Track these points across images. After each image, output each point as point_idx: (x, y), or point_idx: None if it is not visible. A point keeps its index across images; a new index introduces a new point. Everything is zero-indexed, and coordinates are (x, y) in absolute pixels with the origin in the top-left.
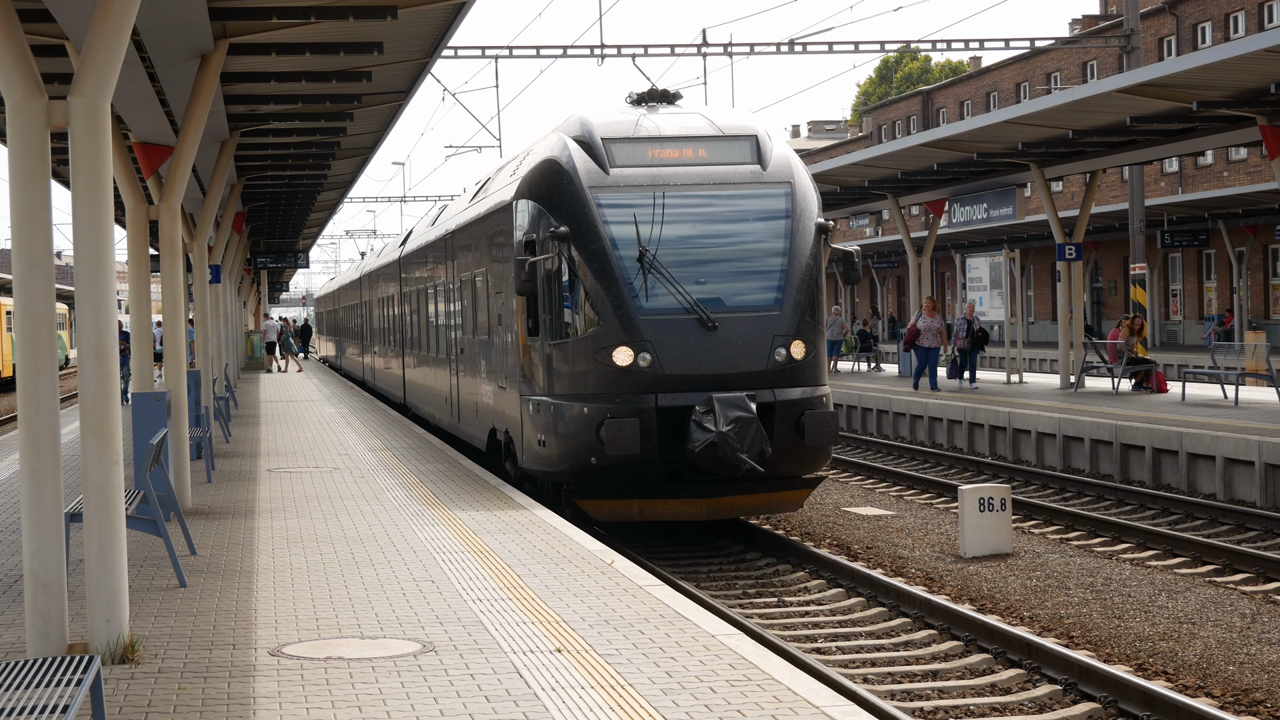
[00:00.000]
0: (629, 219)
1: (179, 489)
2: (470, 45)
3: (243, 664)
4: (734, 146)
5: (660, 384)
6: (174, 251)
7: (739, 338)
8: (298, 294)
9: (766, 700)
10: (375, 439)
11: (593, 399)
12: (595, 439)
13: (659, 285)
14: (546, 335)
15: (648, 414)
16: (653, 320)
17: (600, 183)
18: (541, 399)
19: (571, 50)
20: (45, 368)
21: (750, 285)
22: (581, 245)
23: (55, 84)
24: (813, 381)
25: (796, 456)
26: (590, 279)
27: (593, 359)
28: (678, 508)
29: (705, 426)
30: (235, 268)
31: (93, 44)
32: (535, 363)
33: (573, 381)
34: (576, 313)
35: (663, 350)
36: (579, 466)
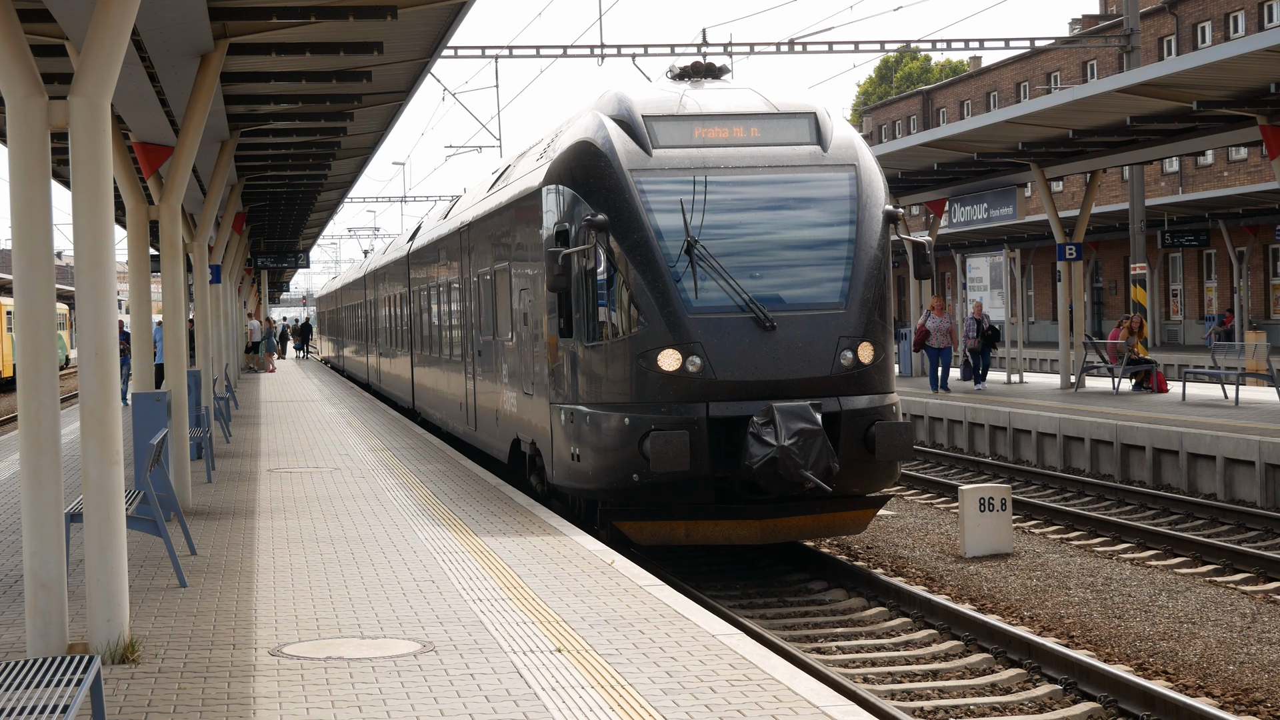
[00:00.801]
0: (674, 205)
1: (179, 489)
2: (470, 45)
3: (243, 664)
4: (790, 125)
5: (711, 391)
6: (174, 251)
7: (800, 339)
8: (298, 294)
9: (766, 700)
10: (375, 439)
11: (635, 408)
12: (638, 453)
13: (709, 280)
14: (581, 336)
15: (698, 426)
16: (703, 320)
17: (641, 165)
18: (575, 408)
19: (571, 50)
20: (45, 368)
21: (812, 280)
22: (621, 235)
23: (55, 84)
24: (881, 388)
25: (864, 473)
26: (631, 273)
27: (635, 363)
28: (729, 530)
29: (765, 440)
30: (235, 268)
31: (93, 44)
32: (568, 367)
33: (612, 388)
34: (616, 311)
35: (714, 353)
36: (618, 484)
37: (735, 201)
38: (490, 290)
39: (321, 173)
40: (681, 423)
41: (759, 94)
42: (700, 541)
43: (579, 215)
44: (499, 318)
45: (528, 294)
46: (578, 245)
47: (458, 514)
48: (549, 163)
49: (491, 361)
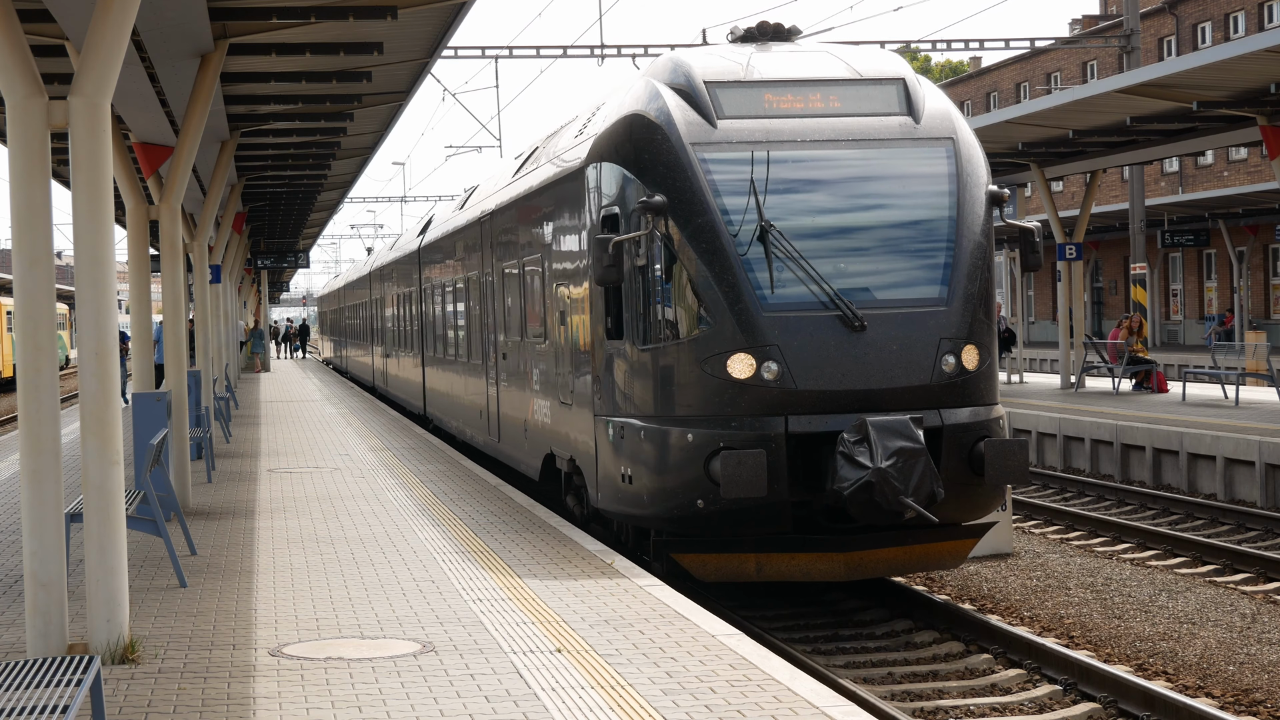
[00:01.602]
0: (744, 184)
1: (179, 489)
2: (470, 45)
3: (243, 664)
4: (876, 92)
5: (791, 403)
6: (174, 251)
7: (895, 341)
8: (298, 294)
9: (766, 700)
10: (376, 439)
11: (701, 422)
12: (704, 476)
13: (787, 271)
14: (634, 338)
15: (775, 443)
16: (780, 318)
17: (706, 138)
18: (626, 421)
19: (571, 50)
20: (45, 368)
21: (907, 271)
22: (683, 219)
23: (55, 84)
24: (987, 398)
25: (967, 498)
26: (695, 263)
27: (700, 369)
28: (808, 565)
29: (857, 460)
30: (235, 268)
31: (93, 44)
32: (618, 373)
33: (671, 399)
34: (676, 308)
35: (794, 358)
36: (679, 512)
37: (815, 180)
38: (518, 286)
39: (321, 173)
40: (756, 440)
41: (836, 57)
42: (773, 578)
43: (631, 197)
44: (528, 316)
45: (565, 289)
46: (630, 232)
47: (458, 514)
48: (592, 138)
49: (519, 366)
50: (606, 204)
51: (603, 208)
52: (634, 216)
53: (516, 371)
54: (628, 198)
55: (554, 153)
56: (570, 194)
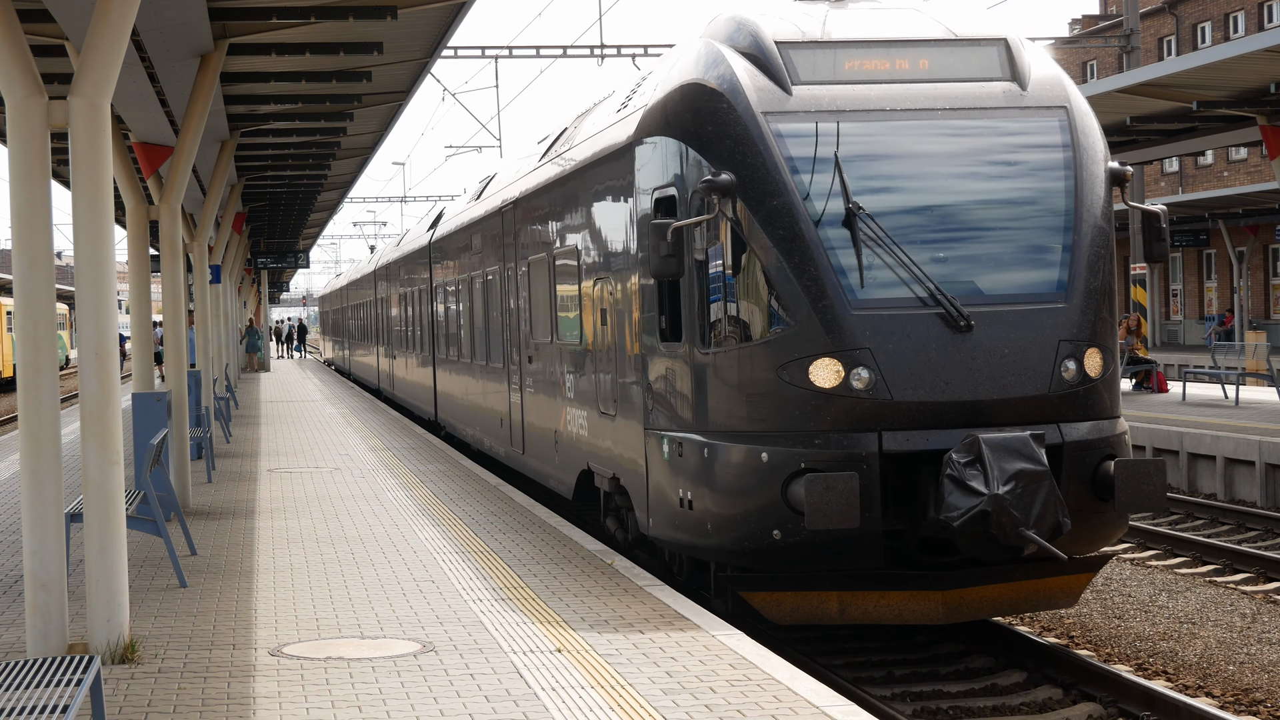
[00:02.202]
0: (827, 160)
1: (179, 489)
2: (470, 45)
3: (243, 664)
4: (975, 55)
5: (885, 416)
6: (174, 251)
7: (1007, 343)
8: (298, 294)
9: (766, 700)
10: (376, 439)
11: (777, 439)
12: (782, 502)
13: (879, 262)
14: (695, 339)
15: (868, 464)
16: (872, 316)
17: (779, 107)
18: (686, 437)
19: (571, 50)
20: (45, 368)
21: (1020, 262)
22: (755, 200)
23: (55, 84)
24: (1110, 410)
25: (1089, 527)
26: (770, 252)
27: (776, 377)
28: (900, 606)
29: (970, 486)
30: (235, 268)
31: (93, 44)
32: (675, 381)
33: (742, 411)
34: (748, 304)
35: (889, 363)
36: (751, 544)
37: (908, 156)
38: (547, 281)
39: (321, 173)
40: (845, 460)
41: (927, 15)
42: (858, 620)
43: (692, 176)
44: (560, 315)
45: (606, 284)
46: (690, 216)
47: (458, 514)
48: (641, 111)
49: (548, 370)
50: (661, 185)
51: (656, 190)
52: (695, 198)
53: (545, 377)
54: (687, 177)
55: (590, 131)
56: (613, 176)
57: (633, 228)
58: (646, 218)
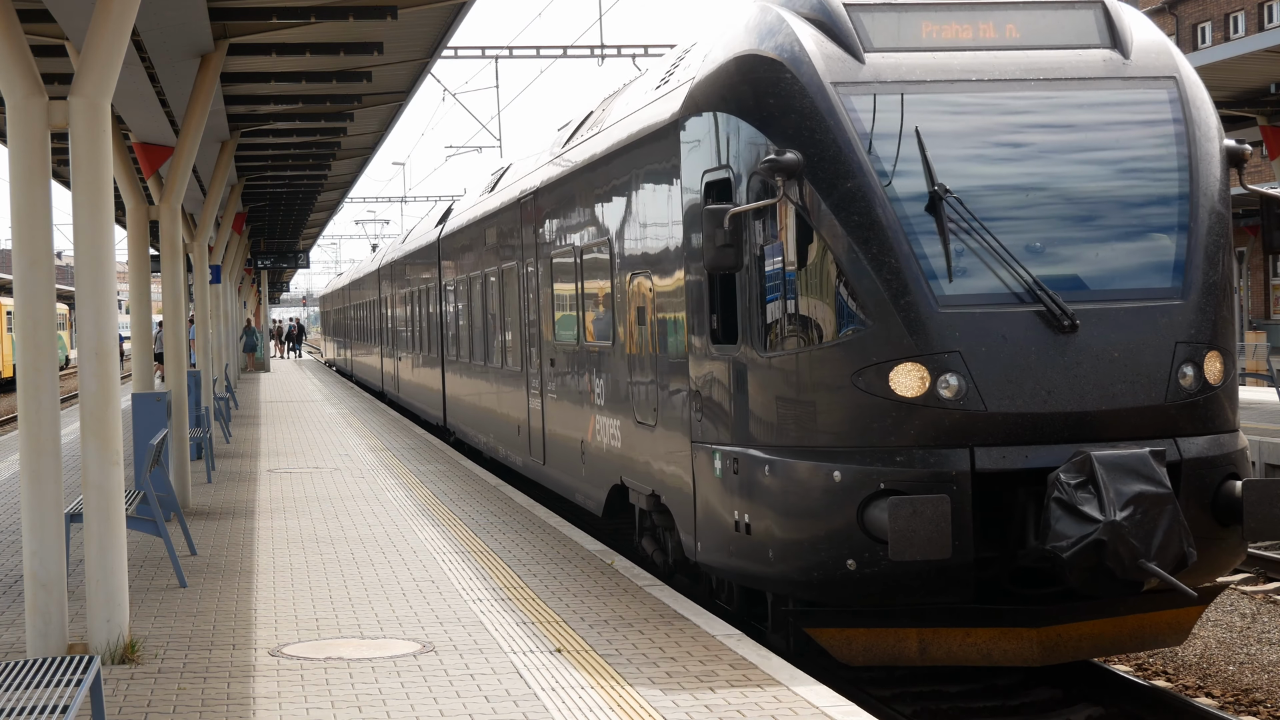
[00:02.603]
0: (907, 137)
1: (179, 489)
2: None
3: (243, 664)
4: (1070, 19)
5: (978, 429)
6: (174, 251)
7: (1117, 346)
8: (298, 294)
9: (766, 700)
10: (375, 439)
11: (852, 455)
12: (856, 527)
13: (969, 252)
14: (754, 341)
15: (959, 485)
16: (962, 315)
17: (851, 77)
18: (743, 451)
19: (571, 50)
20: (45, 368)
21: (1129, 252)
22: (826, 182)
23: (55, 84)
24: (1230, 423)
25: (1208, 555)
26: (844, 241)
27: (851, 384)
28: (990, 645)
29: (1082, 511)
30: (235, 268)
31: (93, 44)
32: (730, 388)
33: (811, 422)
34: (817, 301)
35: (982, 368)
36: (821, 574)
37: (999, 132)
38: (573, 276)
39: (321, 173)
40: (932, 480)
41: None
42: (942, 661)
43: (751, 156)
44: (589, 314)
45: (645, 279)
46: (750, 201)
47: (458, 514)
48: (688, 85)
49: (575, 375)
50: (712, 167)
51: (706, 173)
52: (755, 182)
53: (570, 382)
54: (745, 158)
55: (623, 112)
56: (653, 159)
57: (677, 216)
58: (695, 205)
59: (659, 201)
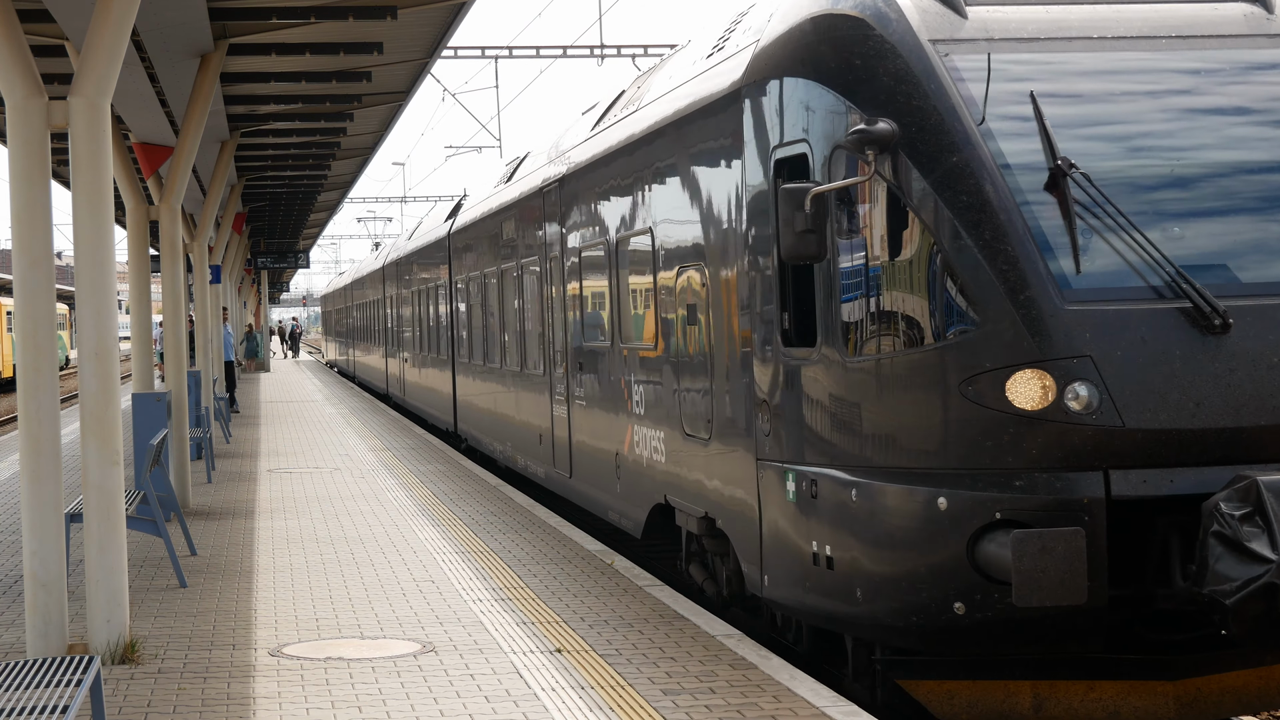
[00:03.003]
0: (1022, 103)
1: (179, 489)
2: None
3: (243, 664)
4: None
5: (1114, 449)
6: (174, 251)
7: (1277, 349)
8: (298, 294)
9: (766, 700)
10: (375, 439)
11: (960, 479)
12: (966, 564)
13: (1098, 239)
14: (838, 343)
15: (1091, 514)
16: (1093, 313)
17: (954, 34)
18: (823, 472)
19: (571, 50)
20: (45, 368)
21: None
22: (926, 156)
23: (55, 84)
24: None
25: None
26: (949, 224)
27: (958, 394)
28: (1118, 700)
29: (1249, 548)
30: (235, 268)
31: (93, 44)
32: (807, 397)
33: (908, 440)
34: (913, 296)
35: (1118, 376)
36: (922, 619)
37: (1129, 98)
38: (607, 271)
39: (321, 173)
40: (1058, 508)
41: None
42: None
43: (833, 128)
44: (625, 313)
45: (697, 272)
46: (833, 179)
47: (458, 514)
48: (752, 49)
49: (609, 379)
50: (784, 142)
51: (777, 148)
52: (839, 156)
53: (603, 387)
54: (826, 128)
55: (667, 86)
56: (708, 135)
57: (739, 199)
58: (762, 186)
59: (715, 184)
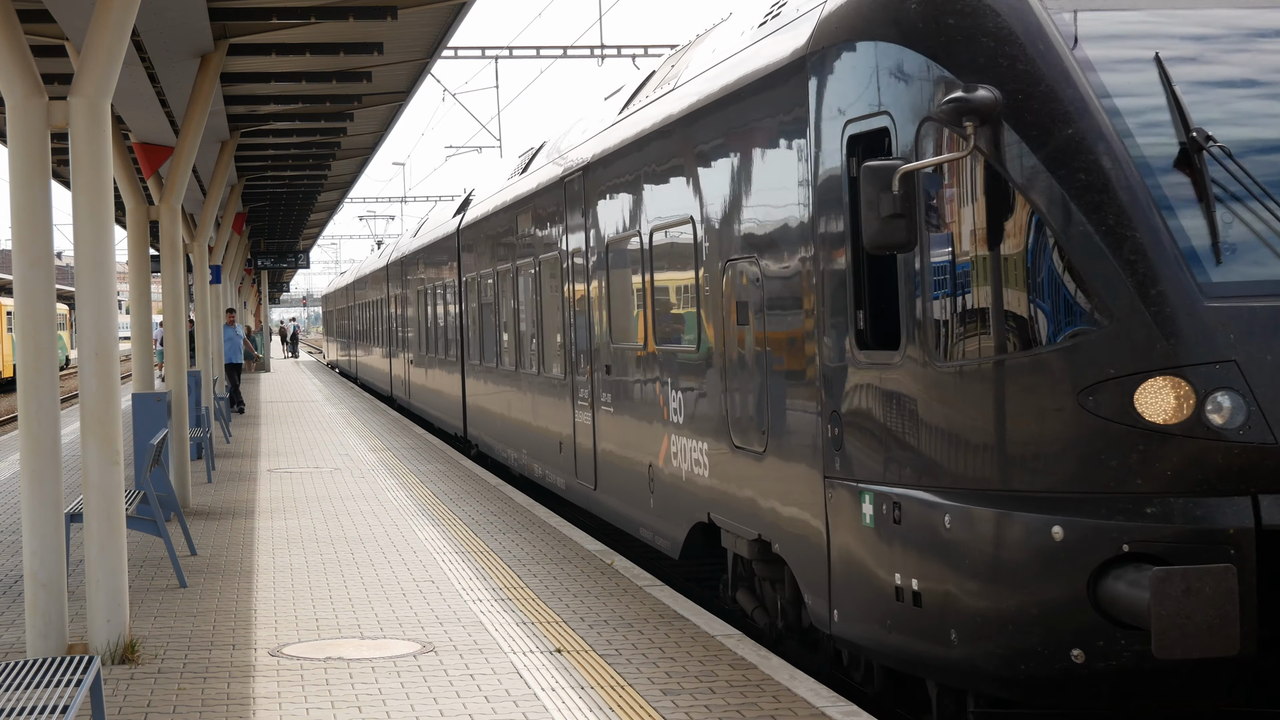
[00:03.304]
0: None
1: (179, 489)
2: (470, 45)
3: (243, 664)
4: None
5: (1266, 470)
6: (174, 252)
7: None
8: (298, 294)
9: (766, 700)
10: (376, 439)
11: (1079, 505)
12: (1087, 605)
13: (1241, 225)
14: (927, 345)
15: (1239, 548)
16: (1239, 311)
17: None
18: (908, 494)
19: (571, 50)
20: (45, 368)
21: None
22: (1037, 128)
23: (55, 84)
24: None
25: None
26: (1063, 209)
27: (1076, 405)
28: None
29: None
30: (235, 268)
31: (93, 44)
32: (888, 407)
33: (1013, 458)
34: (1020, 291)
35: (1269, 385)
36: (1033, 668)
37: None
38: (640, 266)
39: (321, 173)
40: (1199, 540)
41: None
42: None
43: (919, 97)
44: (662, 311)
45: (750, 265)
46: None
47: (458, 514)
48: (819, 11)
49: (641, 384)
50: (860, 115)
51: (851, 122)
52: (929, 130)
53: (634, 392)
54: (913, 98)
55: (709, 61)
56: (765, 110)
57: (803, 181)
58: (833, 166)
59: (772, 165)
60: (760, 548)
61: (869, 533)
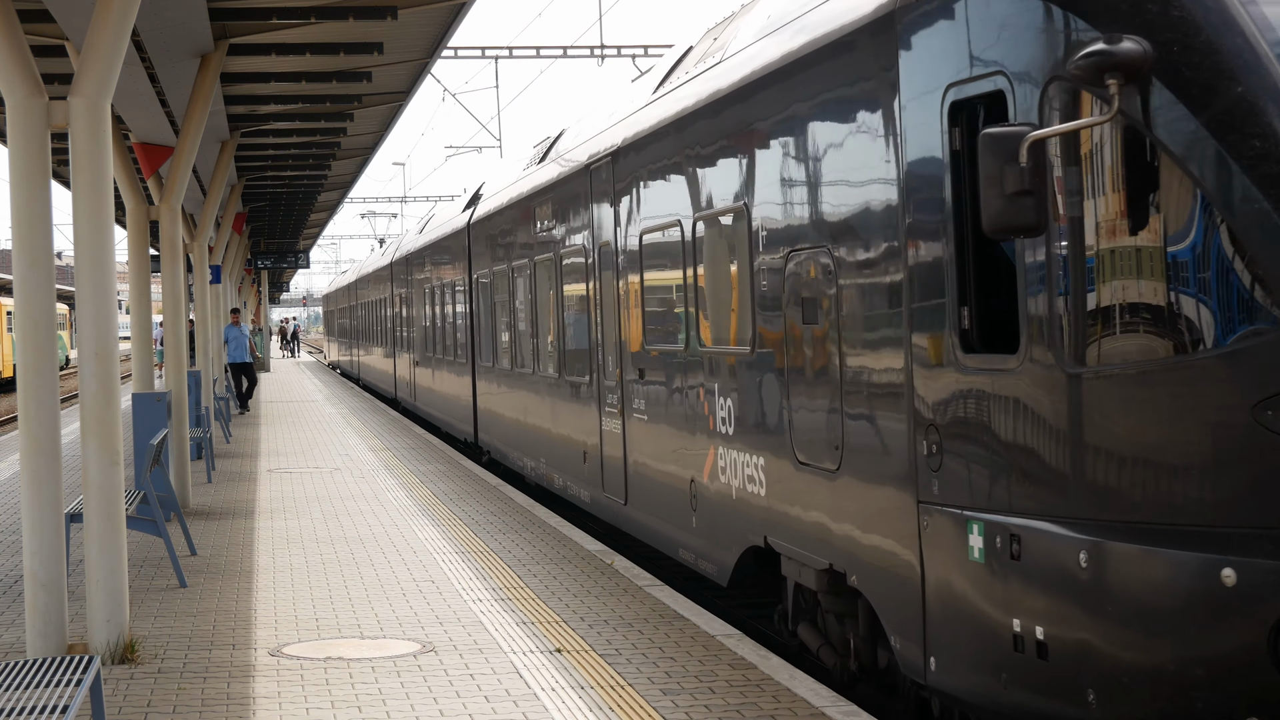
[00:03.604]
0: None
1: (179, 489)
2: (470, 45)
3: (242, 664)
4: None
5: None
6: (174, 252)
7: None
8: (298, 294)
9: (766, 700)
10: (376, 439)
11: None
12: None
13: None
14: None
15: None
16: None
17: None
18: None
19: (571, 50)
20: (45, 368)
21: None
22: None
23: (55, 84)
24: None
25: None
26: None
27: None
28: None
29: None
30: (235, 268)
31: (93, 44)
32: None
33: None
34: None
35: None
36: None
37: None
38: (679, 258)
39: (321, 173)
40: None
41: None
42: None
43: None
44: (707, 309)
45: (822, 255)
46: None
47: (458, 514)
48: None
49: (681, 390)
50: (970, 76)
51: (953, 85)
52: (1056, 91)
53: (672, 399)
54: (1033, 53)
55: (765, 27)
56: (837, 78)
57: (888, 158)
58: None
59: (848, 141)
60: (831, 578)
61: (977, 569)
